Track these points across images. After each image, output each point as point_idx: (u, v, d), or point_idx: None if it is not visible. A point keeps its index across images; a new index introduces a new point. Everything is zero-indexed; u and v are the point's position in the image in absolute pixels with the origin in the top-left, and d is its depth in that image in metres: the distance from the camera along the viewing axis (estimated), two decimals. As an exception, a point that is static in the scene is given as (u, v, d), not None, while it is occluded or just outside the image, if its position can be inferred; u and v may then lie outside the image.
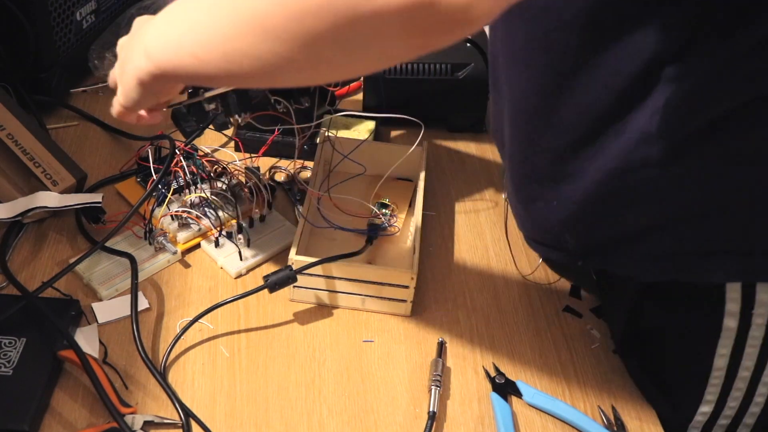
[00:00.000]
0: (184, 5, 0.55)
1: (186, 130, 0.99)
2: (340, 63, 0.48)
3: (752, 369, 0.67)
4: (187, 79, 0.61)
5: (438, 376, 0.71)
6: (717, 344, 0.67)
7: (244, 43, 0.48)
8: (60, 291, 0.75)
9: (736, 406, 0.70)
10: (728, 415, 0.70)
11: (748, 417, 0.70)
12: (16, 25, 0.92)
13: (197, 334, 0.74)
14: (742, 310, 0.65)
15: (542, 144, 0.70)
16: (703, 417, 0.71)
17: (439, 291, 0.81)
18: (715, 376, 0.68)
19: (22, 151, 0.82)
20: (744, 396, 0.69)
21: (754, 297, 0.65)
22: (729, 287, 0.65)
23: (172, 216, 0.82)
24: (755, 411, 0.70)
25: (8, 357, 0.67)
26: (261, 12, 0.45)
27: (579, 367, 0.75)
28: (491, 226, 0.90)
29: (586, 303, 0.82)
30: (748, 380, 0.68)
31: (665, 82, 0.58)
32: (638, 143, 0.61)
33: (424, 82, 0.98)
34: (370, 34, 0.43)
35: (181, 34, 0.54)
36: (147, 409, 0.67)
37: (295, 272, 0.74)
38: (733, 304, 0.65)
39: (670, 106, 0.58)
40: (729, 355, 0.67)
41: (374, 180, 0.88)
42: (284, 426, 0.68)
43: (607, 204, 0.67)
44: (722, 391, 0.69)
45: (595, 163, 0.65)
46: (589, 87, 0.62)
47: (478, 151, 1.02)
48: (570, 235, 0.72)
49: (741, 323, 0.66)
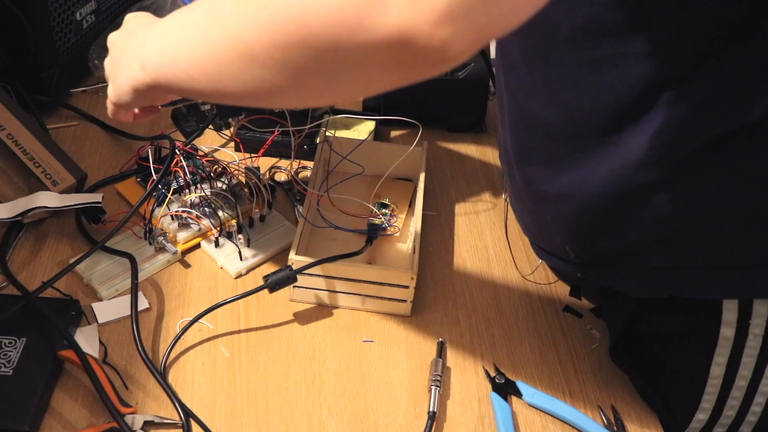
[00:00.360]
0: (182, 20, 0.56)
1: (186, 130, 0.99)
2: (324, 90, 0.49)
3: (749, 378, 0.67)
4: (180, 93, 0.62)
5: (438, 376, 0.71)
6: (714, 353, 0.67)
7: (232, 68, 0.49)
8: (60, 291, 0.75)
9: (732, 414, 0.69)
10: (725, 423, 0.70)
11: (744, 426, 0.70)
12: (16, 25, 0.92)
13: (197, 334, 0.74)
14: (739, 320, 0.65)
15: (539, 157, 0.70)
16: (698, 424, 0.71)
17: (439, 291, 0.81)
18: (712, 384, 0.68)
19: (22, 151, 0.82)
20: (741, 405, 0.69)
21: (752, 307, 0.64)
22: None
23: (172, 216, 0.82)
24: (752, 420, 0.69)
25: (8, 357, 0.67)
26: (248, 40, 0.47)
27: (579, 367, 0.75)
28: (491, 227, 0.90)
29: (585, 303, 0.82)
30: (744, 389, 0.68)
31: (664, 104, 0.58)
32: (638, 165, 0.61)
33: (424, 82, 0.98)
34: (351, 66, 0.44)
35: (175, 51, 0.55)
36: (147, 409, 0.67)
37: (295, 272, 0.74)
38: (730, 314, 0.65)
39: (670, 128, 0.58)
40: (726, 363, 0.67)
41: (374, 180, 0.88)
42: (284, 426, 0.68)
43: (605, 220, 0.67)
44: (719, 399, 0.69)
45: (592, 179, 0.65)
46: (584, 104, 0.62)
47: (478, 151, 1.02)
48: (570, 248, 0.72)
49: (738, 333, 0.65)
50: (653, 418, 0.71)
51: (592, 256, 0.71)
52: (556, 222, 0.71)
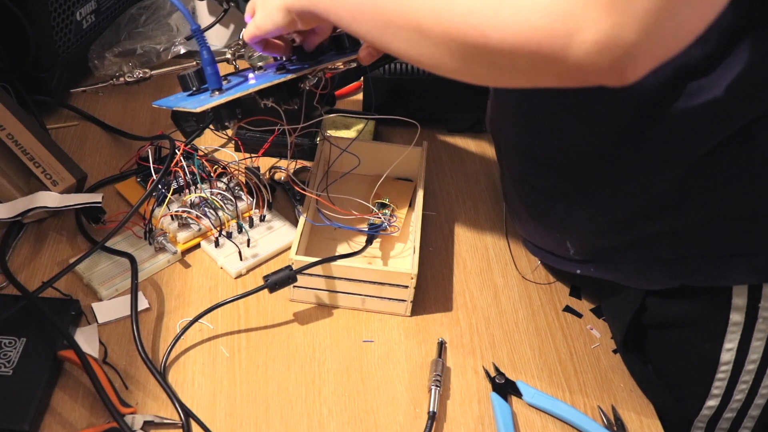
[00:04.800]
0: None
1: (186, 130, 0.99)
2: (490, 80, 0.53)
3: (758, 362, 0.68)
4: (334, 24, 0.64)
5: (438, 376, 0.71)
6: (724, 339, 0.67)
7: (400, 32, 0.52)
8: (60, 291, 0.75)
9: (742, 398, 0.70)
10: (734, 408, 0.71)
11: (753, 409, 0.71)
12: (16, 25, 0.92)
13: (197, 334, 0.74)
14: (748, 305, 0.65)
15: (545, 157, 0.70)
16: (709, 411, 0.71)
17: (439, 291, 0.81)
18: (722, 370, 0.69)
19: (22, 151, 0.82)
20: (750, 388, 0.69)
21: (761, 291, 0.65)
22: None
23: (172, 216, 0.82)
24: (760, 403, 0.70)
25: (8, 357, 0.67)
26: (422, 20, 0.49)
27: (579, 367, 0.75)
28: (491, 226, 0.90)
29: (585, 303, 0.82)
30: (754, 373, 0.68)
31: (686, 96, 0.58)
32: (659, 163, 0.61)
33: (424, 82, 0.98)
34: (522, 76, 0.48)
35: None
36: (147, 409, 0.67)
37: (295, 272, 0.74)
38: (740, 299, 0.65)
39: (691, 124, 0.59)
40: (736, 349, 0.67)
41: (374, 180, 0.88)
42: (284, 426, 0.68)
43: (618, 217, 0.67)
44: (728, 385, 0.69)
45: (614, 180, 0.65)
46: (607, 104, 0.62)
47: (478, 151, 1.02)
48: (571, 243, 0.72)
49: (747, 317, 0.66)
50: (653, 417, 0.71)
51: (594, 251, 0.71)
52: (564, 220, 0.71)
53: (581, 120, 0.64)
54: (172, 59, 1.09)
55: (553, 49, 0.43)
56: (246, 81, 0.73)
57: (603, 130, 0.63)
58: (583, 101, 0.63)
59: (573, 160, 0.67)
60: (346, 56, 0.75)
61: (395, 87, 0.99)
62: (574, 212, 0.70)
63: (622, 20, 0.41)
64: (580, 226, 0.71)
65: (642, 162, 0.63)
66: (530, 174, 0.73)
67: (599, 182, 0.67)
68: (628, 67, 0.42)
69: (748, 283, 0.65)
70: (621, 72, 0.43)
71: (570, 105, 0.64)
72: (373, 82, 0.99)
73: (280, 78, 0.72)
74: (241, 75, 0.76)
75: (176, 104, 0.72)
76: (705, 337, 0.69)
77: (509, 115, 0.74)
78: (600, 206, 0.68)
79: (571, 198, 0.70)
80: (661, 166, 0.62)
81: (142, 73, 1.03)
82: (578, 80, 0.45)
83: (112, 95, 1.06)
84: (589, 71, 0.43)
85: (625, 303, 0.72)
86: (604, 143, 0.64)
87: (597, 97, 0.60)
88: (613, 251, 0.70)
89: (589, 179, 0.67)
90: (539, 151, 0.70)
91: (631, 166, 0.64)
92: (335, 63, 0.75)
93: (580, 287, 0.83)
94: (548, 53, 0.43)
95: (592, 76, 0.43)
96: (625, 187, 0.65)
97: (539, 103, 0.67)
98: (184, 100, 0.72)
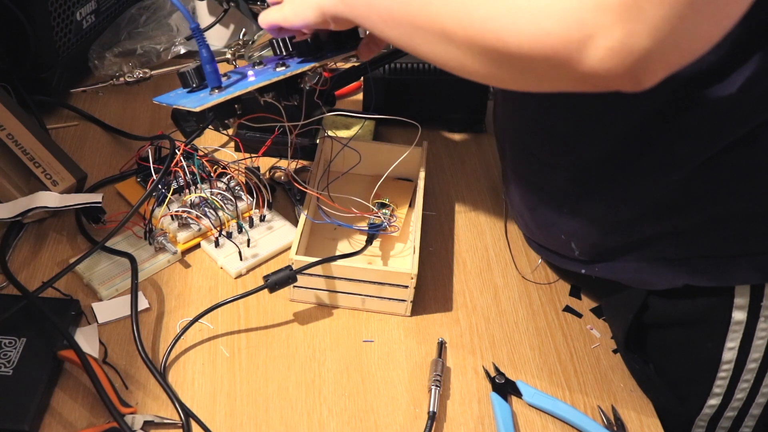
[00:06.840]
0: None
1: (186, 130, 0.99)
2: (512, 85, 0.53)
3: (760, 361, 0.68)
4: (365, 28, 0.65)
5: (438, 376, 0.71)
6: (726, 338, 0.67)
7: (427, 36, 0.53)
8: (60, 291, 0.76)
9: (743, 397, 0.70)
10: (735, 407, 0.71)
11: (754, 408, 0.71)
12: (16, 25, 0.92)
13: (197, 334, 0.74)
14: (751, 303, 0.65)
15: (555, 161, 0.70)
16: (710, 410, 0.71)
17: (439, 291, 0.81)
18: (724, 369, 0.69)
19: (22, 151, 0.82)
20: (751, 387, 0.69)
21: (763, 290, 0.65)
22: None
23: (172, 216, 0.82)
24: (762, 401, 0.70)
25: (8, 357, 0.67)
26: (446, 25, 0.51)
27: (579, 367, 0.75)
28: (491, 226, 0.90)
29: (585, 303, 0.82)
30: (755, 372, 0.69)
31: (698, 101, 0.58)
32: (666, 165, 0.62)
33: (425, 82, 0.98)
34: (541, 82, 0.49)
35: None
36: (147, 409, 0.67)
37: (295, 272, 0.74)
38: (742, 298, 0.65)
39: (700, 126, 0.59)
40: (738, 348, 0.68)
41: (374, 180, 0.88)
42: (284, 426, 0.68)
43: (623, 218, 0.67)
44: (730, 384, 0.70)
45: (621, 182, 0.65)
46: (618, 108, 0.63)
47: (478, 151, 1.02)
48: (576, 244, 0.72)
49: (750, 316, 0.66)
50: (653, 417, 0.71)
51: (599, 252, 0.72)
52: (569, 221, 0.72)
53: (595, 125, 0.65)
54: (172, 59, 1.09)
55: (568, 56, 0.43)
56: (245, 78, 0.73)
57: (615, 134, 0.64)
58: (599, 107, 0.63)
59: (582, 164, 0.68)
60: (345, 52, 0.75)
61: (395, 87, 0.99)
62: (580, 214, 0.70)
63: (635, 28, 0.41)
64: (586, 227, 0.71)
65: (649, 164, 0.63)
66: (537, 176, 0.73)
67: (606, 185, 0.67)
68: (642, 74, 0.43)
69: (751, 283, 0.65)
70: (636, 78, 0.43)
71: (586, 111, 0.64)
72: (373, 82, 0.99)
73: (280, 75, 0.72)
74: (240, 71, 0.76)
75: (176, 101, 0.72)
76: (707, 336, 0.69)
77: (519, 118, 0.74)
78: (606, 208, 0.68)
79: (577, 200, 0.70)
80: (668, 168, 0.62)
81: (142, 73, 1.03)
82: (595, 86, 0.45)
83: (112, 95, 1.06)
84: (604, 77, 0.43)
85: (627, 302, 0.72)
86: (615, 147, 0.64)
87: (613, 103, 0.60)
88: (618, 252, 0.70)
89: (597, 182, 0.67)
90: (549, 154, 0.71)
91: (638, 169, 0.64)
92: (336, 59, 0.75)
93: (580, 287, 0.83)
94: (563, 59, 0.44)
95: (607, 82, 0.44)
96: (631, 189, 0.65)
97: (555, 107, 0.67)
98: (183, 97, 0.72)
